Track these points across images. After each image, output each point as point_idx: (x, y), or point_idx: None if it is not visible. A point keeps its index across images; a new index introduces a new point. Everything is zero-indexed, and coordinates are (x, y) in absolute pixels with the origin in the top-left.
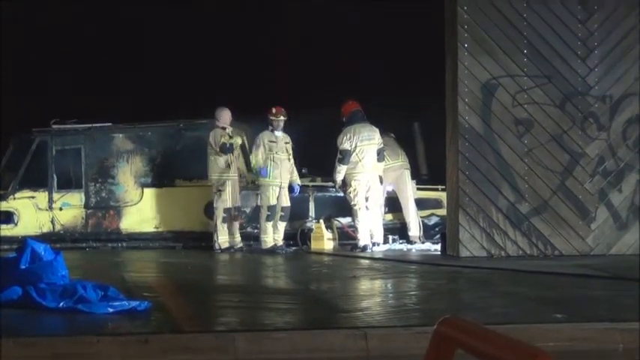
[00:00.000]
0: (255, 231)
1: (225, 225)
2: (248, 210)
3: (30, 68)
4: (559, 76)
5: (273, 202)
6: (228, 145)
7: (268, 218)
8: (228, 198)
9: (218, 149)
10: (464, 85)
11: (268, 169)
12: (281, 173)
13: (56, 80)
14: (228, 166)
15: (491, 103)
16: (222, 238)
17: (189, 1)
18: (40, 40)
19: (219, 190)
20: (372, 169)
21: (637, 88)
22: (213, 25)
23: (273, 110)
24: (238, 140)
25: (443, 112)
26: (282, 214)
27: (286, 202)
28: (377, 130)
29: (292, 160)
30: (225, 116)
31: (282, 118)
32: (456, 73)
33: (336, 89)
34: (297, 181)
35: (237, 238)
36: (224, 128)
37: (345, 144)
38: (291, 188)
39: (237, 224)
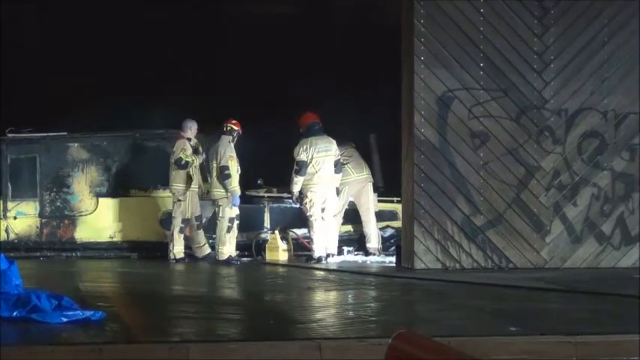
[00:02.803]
0: (211, 241)
1: (182, 235)
2: (204, 220)
3: None
4: (515, 89)
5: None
6: (183, 162)
7: (229, 230)
8: (187, 209)
9: (173, 162)
10: (420, 98)
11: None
12: None
13: (14, 87)
14: (190, 177)
15: (447, 115)
16: (178, 249)
17: (144, 9)
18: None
19: (179, 200)
20: (329, 180)
21: (592, 103)
22: (171, 33)
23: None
24: (198, 158)
25: (399, 124)
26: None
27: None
28: (334, 142)
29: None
30: (191, 128)
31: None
32: (412, 86)
33: (293, 100)
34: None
35: (206, 245)
36: (189, 139)
37: (302, 155)
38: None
39: (202, 232)
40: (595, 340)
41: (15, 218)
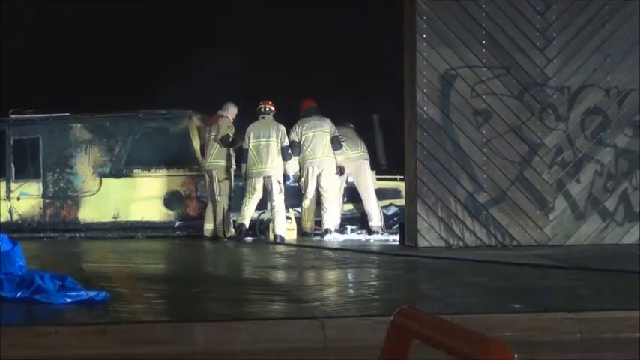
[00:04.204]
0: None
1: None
2: (206, 200)
3: None
4: (517, 67)
5: None
6: (230, 140)
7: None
8: (232, 187)
9: (219, 138)
10: (422, 76)
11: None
12: None
13: (16, 69)
14: (230, 156)
15: (450, 93)
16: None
17: None
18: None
19: (226, 179)
20: (323, 156)
21: (595, 79)
22: (174, 16)
23: None
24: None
25: (402, 102)
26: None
27: None
28: (326, 120)
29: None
30: (230, 110)
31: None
32: (415, 64)
33: (296, 81)
34: None
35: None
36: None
37: (292, 136)
38: None
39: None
40: (599, 317)
41: (18, 199)
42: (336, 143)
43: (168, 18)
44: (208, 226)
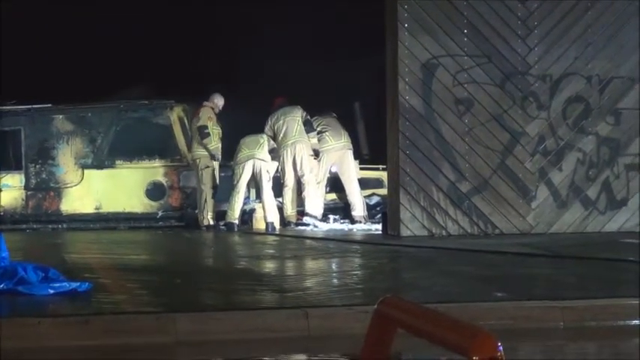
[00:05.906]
0: (196, 211)
1: (213, 201)
2: (189, 191)
3: None
4: (499, 55)
5: None
6: (206, 131)
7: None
8: (216, 175)
9: (197, 127)
10: (404, 65)
11: None
12: None
13: None
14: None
15: (432, 82)
16: (211, 214)
17: None
18: None
19: (207, 167)
20: (295, 138)
21: (577, 68)
22: (156, 5)
23: None
24: (218, 129)
25: (384, 91)
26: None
27: None
28: (297, 106)
29: None
30: (215, 100)
31: None
32: (397, 53)
33: (278, 72)
34: None
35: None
36: (212, 109)
37: (265, 129)
38: None
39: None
40: (581, 305)
41: (0, 191)
42: (309, 126)
43: (157, 8)
44: (209, 216)
